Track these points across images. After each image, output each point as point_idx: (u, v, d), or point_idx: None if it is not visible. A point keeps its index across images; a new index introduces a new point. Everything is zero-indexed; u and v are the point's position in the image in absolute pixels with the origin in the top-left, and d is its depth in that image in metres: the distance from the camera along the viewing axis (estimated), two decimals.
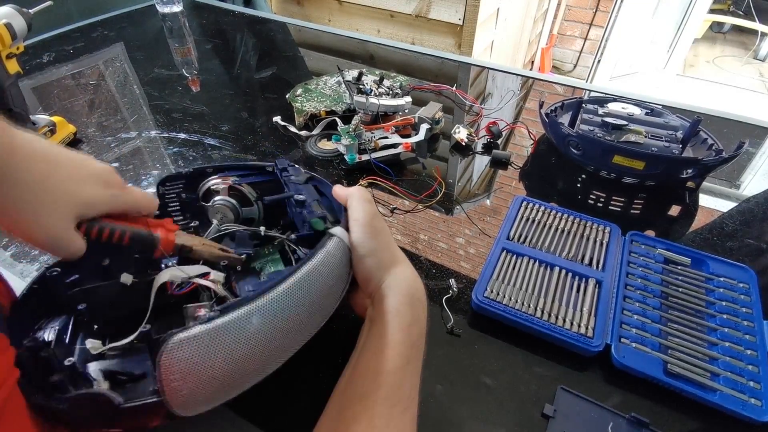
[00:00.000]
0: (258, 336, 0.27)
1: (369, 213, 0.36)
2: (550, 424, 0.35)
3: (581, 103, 0.67)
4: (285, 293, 0.29)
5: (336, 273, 0.33)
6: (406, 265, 0.36)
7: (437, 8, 1.51)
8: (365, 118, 0.67)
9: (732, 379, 0.37)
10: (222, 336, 0.26)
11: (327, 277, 0.32)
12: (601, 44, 2.57)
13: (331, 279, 0.32)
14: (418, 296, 0.35)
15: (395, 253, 0.36)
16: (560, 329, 0.40)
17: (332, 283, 0.33)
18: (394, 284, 0.34)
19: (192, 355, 0.25)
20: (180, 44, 0.99)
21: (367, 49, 1.03)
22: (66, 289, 0.32)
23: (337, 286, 0.34)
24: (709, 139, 0.60)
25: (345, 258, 0.34)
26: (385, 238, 0.36)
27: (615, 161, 0.57)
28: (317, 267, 0.31)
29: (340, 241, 0.34)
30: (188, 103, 0.79)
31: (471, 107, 0.79)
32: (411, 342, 0.32)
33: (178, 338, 0.25)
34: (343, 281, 0.34)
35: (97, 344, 0.30)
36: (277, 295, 0.28)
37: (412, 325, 0.32)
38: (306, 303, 0.30)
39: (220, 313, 0.26)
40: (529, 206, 0.54)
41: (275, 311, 0.28)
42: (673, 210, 0.58)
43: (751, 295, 0.44)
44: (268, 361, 0.29)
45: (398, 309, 0.33)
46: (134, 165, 0.64)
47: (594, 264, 0.47)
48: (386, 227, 0.37)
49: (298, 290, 0.29)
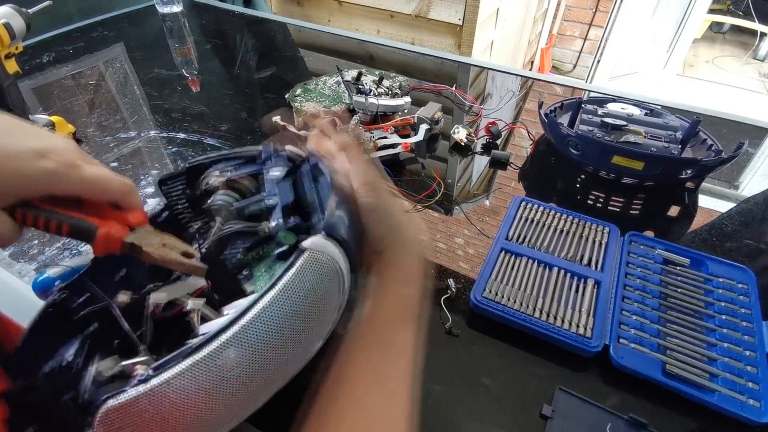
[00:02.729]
0: (206, 394, 0.23)
1: (369, 176, 0.34)
2: (548, 424, 0.35)
3: (581, 103, 0.67)
4: (235, 339, 0.23)
5: (315, 295, 0.27)
6: (412, 224, 0.35)
7: (437, 8, 1.51)
8: (364, 118, 0.67)
9: (730, 380, 0.37)
10: (159, 399, 0.22)
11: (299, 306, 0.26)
12: (601, 44, 2.57)
13: (306, 305, 0.26)
14: (423, 254, 0.34)
15: (402, 215, 0.35)
16: (559, 329, 0.40)
17: (310, 308, 0.26)
18: (400, 244, 0.33)
19: (126, 422, 0.22)
20: (180, 44, 0.99)
21: (366, 50, 1.03)
22: (77, 310, 0.31)
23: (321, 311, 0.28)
24: (708, 139, 0.60)
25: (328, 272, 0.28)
26: (389, 199, 0.34)
27: (614, 161, 0.57)
28: (277, 299, 0.25)
29: (318, 254, 0.27)
30: (188, 103, 0.79)
31: (470, 107, 0.79)
32: (409, 298, 0.32)
33: (108, 407, 0.21)
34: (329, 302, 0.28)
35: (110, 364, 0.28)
36: (223, 343, 0.23)
37: (412, 283, 0.32)
38: (271, 344, 0.24)
39: (154, 371, 0.22)
40: (528, 206, 0.54)
41: (225, 365, 0.23)
42: (672, 210, 0.58)
43: (750, 295, 0.44)
44: (228, 416, 0.25)
45: (400, 265, 0.33)
46: (134, 165, 0.64)
47: (593, 264, 0.47)
48: (385, 185, 0.35)
49: (254, 334, 0.24)
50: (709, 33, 3.33)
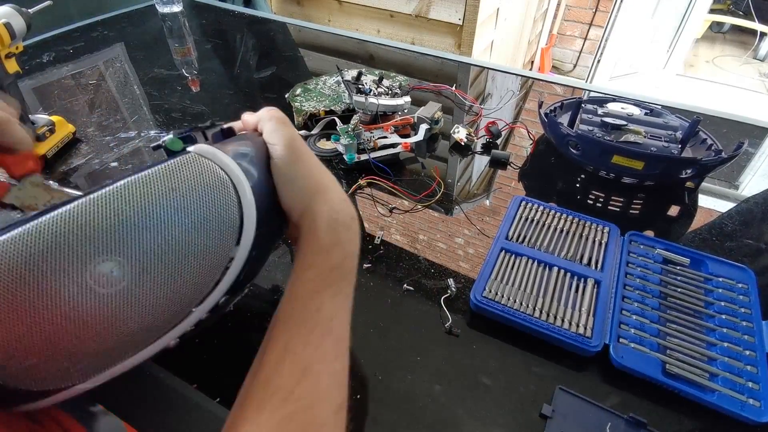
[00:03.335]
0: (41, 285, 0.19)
1: (286, 136, 0.32)
2: (548, 424, 0.35)
3: (581, 103, 0.67)
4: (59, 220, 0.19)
5: (186, 203, 0.23)
6: (332, 190, 0.33)
7: (437, 8, 1.51)
8: (364, 117, 0.67)
9: (730, 380, 0.37)
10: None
11: (162, 206, 0.22)
12: (601, 44, 2.57)
13: (172, 210, 0.22)
14: (342, 219, 0.32)
15: (320, 179, 0.33)
16: (559, 329, 0.40)
17: (175, 217, 0.22)
18: (315, 209, 0.31)
19: None
20: (180, 44, 0.99)
21: (366, 49, 1.03)
22: None
23: (192, 225, 0.23)
24: (708, 139, 0.60)
25: (212, 183, 0.24)
26: (306, 163, 0.33)
27: (614, 161, 0.57)
28: (137, 184, 0.21)
29: (200, 159, 0.24)
30: (188, 103, 0.79)
31: (470, 107, 0.79)
32: (330, 265, 0.30)
33: None
34: (212, 220, 0.24)
35: None
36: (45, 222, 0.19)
37: (331, 249, 0.30)
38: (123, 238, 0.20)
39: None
40: (528, 206, 0.54)
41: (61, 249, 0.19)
42: (672, 210, 0.58)
43: (750, 295, 0.44)
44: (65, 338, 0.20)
45: (316, 233, 0.31)
46: (134, 164, 0.64)
47: (593, 264, 0.47)
48: (309, 152, 0.34)
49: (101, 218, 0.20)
50: (709, 33, 3.33)
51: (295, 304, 0.28)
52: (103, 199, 0.20)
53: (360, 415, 0.35)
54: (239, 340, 0.29)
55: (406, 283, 0.47)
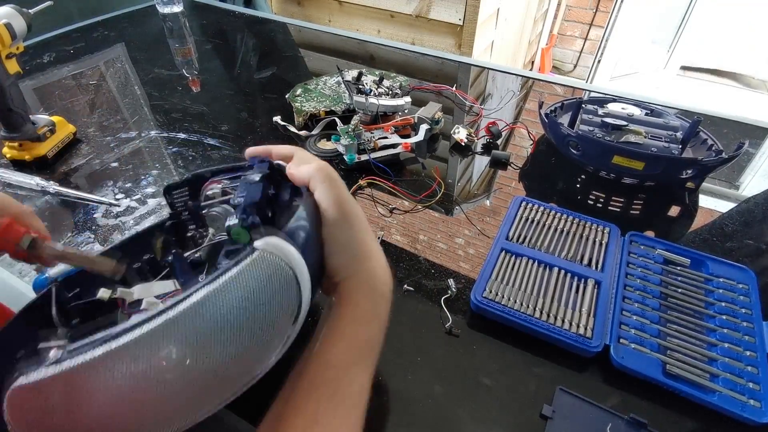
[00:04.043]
0: (119, 387, 0.20)
1: (339, 198, 0.31)
2: (548, 424, 0.35)
3: (581, 103, 0.67)
4: (163, 328, 0.21)
5: (258, 301, 0.24)
6: (376, 257, 0.33)
7: (437, 8, 1.51)
8: (365, 118, 0.67)
9: (731, 381, 0.37)
10: (70, 383, 0.20)
11: (239, 304, 0.23)
12: (601, 44, 2.57)
13: (246, 312, 0.24)
14: (382, 291, 0.32)
15: (368, 245, 0.32)
16: (559, 330, 0.40)
17: (254, 310, 0.24)
18: (360, 278, 0.31)
19: (32, 404, 0.20)
20: (180, 44, 0.99)
21: (367, 50, 1.03)
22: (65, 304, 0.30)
23: (269, 317, 0.25)
24: (708, 139, 0.60)
25: (280, 276, 0.25)
26: (356, 227, 0.32)
27: (614, 161, 0.57)
28: (216, 294, 0.23)
29: (270, 255, 0.25)
30: (188, 103, 0.79)
31: (471, 107, 0.79)
32: (366, 338, 0.30)
33: (19, 384, 0.20)
34: (278, 311, 0.26)
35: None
36: (150, 331, 0.21)
37: (370, 321, 0.30)
38: (201, 342, 0.22)
39: (69, 353, 0.20)
40: (529, 206, 0.54)
41: (145, 354, 0.21)
42: (673, 210, 0.58)
43: (751, 296, 0.44)
44: (154, 420, 0.22)
45: (358, 302, 0.30)
46: (134, 165, 0.64)
47: (593, 264, 0.47)
48: (360, 213, 0.33)
49: (183, 326, 0.22)
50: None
51: (327, 374, 0.28)
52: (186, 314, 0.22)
53: None
54: None
55: (407, 283, 0.47)
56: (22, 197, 0.57)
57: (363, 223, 0.33)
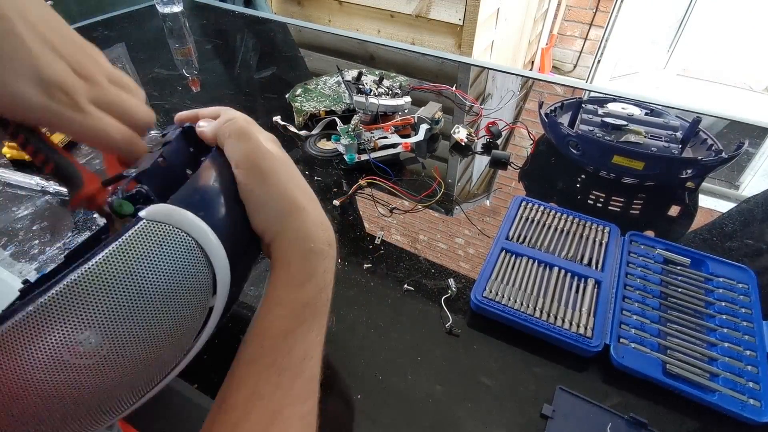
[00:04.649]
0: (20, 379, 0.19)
1: (246, 154, 0.29)
2: (548, 424, 0.35)
3: (581, 103, 0.67)
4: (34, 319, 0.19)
5: (152, 275, 0.22)
6: (305, 211, 0.30)
7: (437, 8, 1.51)
8: (365, 118, 0.67)
9: (731, 380, 0.37)
10: None
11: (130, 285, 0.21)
12: (601, 44, 2.57)
13: (140, 288, 0.22)
14: (317, 248, 0.29)
15: (293, 199, 0.29)
16: (559, 329, 0.40)
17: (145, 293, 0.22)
18: (288, 236, 0.29)
19: None
20: (180, 44, 0.99)
21: (367, 50, 1.03)
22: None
23: (165, 294, 0.23)
24: (708, 139, 0.60)
25: (177, 248, 0.23)
26: (275, 181, 0.29)
27: (614, 161, 0.57)
28: (92, 274, 0.20)
29: (155, 225, 0.23)
30: (188, 103, 0.79)
31: (471, 107, 0.79)
32: (303, 301, 0.28)
33: None
34: (183, 283, 0.24)
35: None
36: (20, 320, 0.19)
37: (304, 283, 0.28)
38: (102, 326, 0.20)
39: None
40: (529, 206, 0.54)
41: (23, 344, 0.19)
42: (673, 210, 0.58)
43: (751, 295, 0.44)
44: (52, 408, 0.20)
45: (290, 263, 0.28)
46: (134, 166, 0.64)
47: (593, 264, 0.47)
48: (278, 166, 0.30)
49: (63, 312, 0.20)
50: None
51: (264, 343, 0.26)
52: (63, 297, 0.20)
53: (360, 415, 0.35)
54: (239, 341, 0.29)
55: (407, 283, 0.47)
56: (22, 197, 0.57)
57: (285, 176, 0.30)
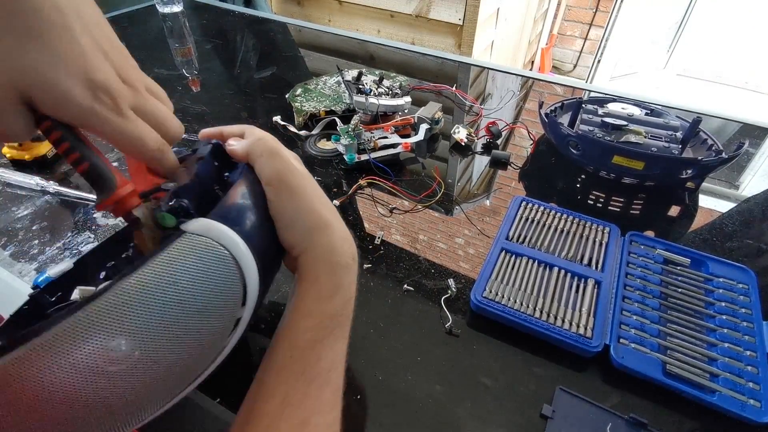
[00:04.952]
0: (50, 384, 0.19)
1: (277, 172, 0.30)
2: (548, 424, 0.35)
3: (581, 103, 0.67)
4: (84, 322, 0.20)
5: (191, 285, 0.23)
6: (332, 227, 0.31)
7: (437, 8, 1.51)
8: (365, 118, 0.67)
9: (731, 380, 0.37)
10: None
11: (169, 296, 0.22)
12: (601, 44, 2.57)
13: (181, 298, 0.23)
14: (343, 262, 0.31)
15: (320, 215, 0.31)
16: (559, 329, 0.40)
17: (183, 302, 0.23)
18: (316, 252, 0.30)
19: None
20: (180, 44, 0.99)
21: (367, 49, 1.03)
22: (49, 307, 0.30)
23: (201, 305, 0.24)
24: (708, 139, 0.60)
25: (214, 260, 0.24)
26: (304, 198, 0.31)
27: (614, 161, 0.57)
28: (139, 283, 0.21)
29: (197, 238, 0.24)
30: (188, 103, 0.79)
31: (471, 107, 0.79)
32: (331, 313, 0.29)
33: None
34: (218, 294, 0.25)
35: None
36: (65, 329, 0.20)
37: (333, 296, 0.30)
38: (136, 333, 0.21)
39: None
40: (529, 206, 0.54)
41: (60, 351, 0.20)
42: (673, 210, 0.58)
43: (751, 295, 0.44)
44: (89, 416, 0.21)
45: (318, 277, 0.30)
46: None
47: (593, 264, 0.47)
48: (306, 184, 0.31)
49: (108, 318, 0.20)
50: None
51: (293, 353, 0.28)
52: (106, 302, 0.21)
53: (360, 415, 0.35)
54: (240, 342, 0.29)
55: (407, 283, 0.47)
56: (22, 197, 0.57)
57: (312, 193, 0.31)
